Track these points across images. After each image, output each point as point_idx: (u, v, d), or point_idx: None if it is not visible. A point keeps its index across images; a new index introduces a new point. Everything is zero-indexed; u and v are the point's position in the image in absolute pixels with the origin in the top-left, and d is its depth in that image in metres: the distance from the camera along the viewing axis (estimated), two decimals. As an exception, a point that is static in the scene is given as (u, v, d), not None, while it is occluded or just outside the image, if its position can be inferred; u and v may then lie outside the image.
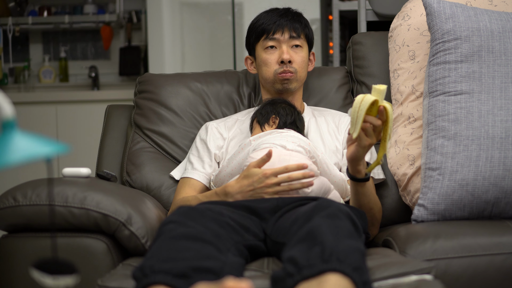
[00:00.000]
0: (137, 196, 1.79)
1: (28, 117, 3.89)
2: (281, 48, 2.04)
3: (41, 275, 1.00)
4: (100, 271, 1.57)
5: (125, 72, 4.32)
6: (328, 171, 1.88)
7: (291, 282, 1.26)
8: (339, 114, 2.12)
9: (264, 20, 2.07)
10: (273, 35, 2.05)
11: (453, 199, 1.76)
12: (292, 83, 2.05)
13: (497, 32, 1.82)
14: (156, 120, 2.21)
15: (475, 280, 1.56)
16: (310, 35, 2.11)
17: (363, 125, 1.60)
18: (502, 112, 1.76)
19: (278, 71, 2.04)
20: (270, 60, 2.05)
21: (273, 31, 2.05)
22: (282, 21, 2.05)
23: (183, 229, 1.39)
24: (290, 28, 2.04)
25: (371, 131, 1.62)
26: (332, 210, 1.41)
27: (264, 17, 2.09)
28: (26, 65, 4.32)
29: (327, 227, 1.34)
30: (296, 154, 1.83)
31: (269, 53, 2.05)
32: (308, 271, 1.25)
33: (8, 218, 1.61)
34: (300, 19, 2.09)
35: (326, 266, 1.24)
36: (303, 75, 2.08)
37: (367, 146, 1.64)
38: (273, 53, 2.05)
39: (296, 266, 1.27)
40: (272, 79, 2.06)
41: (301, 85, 2.11)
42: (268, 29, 2.05)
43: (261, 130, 1.96)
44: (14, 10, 4.31)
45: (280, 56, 2.03)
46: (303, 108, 2.14)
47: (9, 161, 0.84)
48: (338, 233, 1.33)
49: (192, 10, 3.97)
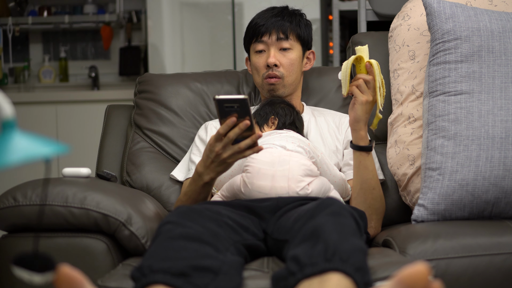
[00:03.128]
0: (137, 196, 1.79)
1: (28, 117, 3.89)
2: (269, 51, 2.02)
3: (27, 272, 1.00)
4: (100, 271, 1.57)
5: (125, 72, 4.32)
6: (328, 171, 1.88)
7: (293, 280, 1.26)
8: (339, 115, 2.12)
9: (257, 21, 2.05)
10: (261, 38, 2.03)
11: (453, 199, 1.76)
12: (279, 89, 2.03)
13: (497, 32, 1.82)
14: (156, 120, 2.21)
15: (475, 280, 1.56)
16: (304, 34, 2.06)
17: (355, 82, 1.77)
18: (502, 112, 1.76)
19: (264, 76, 2.03)
20: (258, 65, 2.04)
21: (261, 33, 2.03)
22: (270, 23, 2.02)
23: (181, 229, 1.39)
24: (278, 29, 2.01)
25: (365, 87, 1.76)
26: (335, 208, 1.41)
27: (257, 18, 2.07)
28: (26, 65, 4.32)
29: (330, 225, 1.34)
30: (296, 155, 1.83)
31: (258, 57, 2.05)
32: (310, 269, 1.25)
33: (8, 218, 1.61)
34: (292, 19, 2.04)
35: (328, 265, 1.24)
36: (291, 78, 2.04)
37: (364, 102, 1.76)
38: (262, 56, 2.04)
39: (298, 264, 1.27)
40: (261, 85, 2.06)
41: (295, 88, 2.08)
42: (257, 31, 2.03)
43: (260, 131, 1.96)
44: (14, 10, 4.31)
45: (266, 60, 2.02)
46: (302, 108, 2.14)
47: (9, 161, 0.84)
48: (341, 231, 1.32)
49: (192, 10, 3.97)
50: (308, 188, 1.76)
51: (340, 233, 1.32)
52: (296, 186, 1.76)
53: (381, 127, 2.17)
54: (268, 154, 1.83)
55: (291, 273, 1.27)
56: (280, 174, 1.79)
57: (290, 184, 1.76)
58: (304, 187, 1.76)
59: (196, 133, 2.11)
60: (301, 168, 1.81)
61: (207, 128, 2.07)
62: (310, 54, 2.13)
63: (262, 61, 2.03)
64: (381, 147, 2.15)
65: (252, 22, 2.07)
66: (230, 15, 3.87)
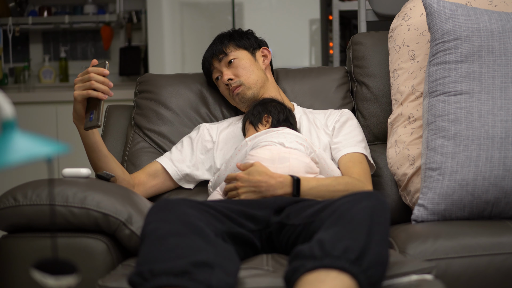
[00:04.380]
0: (137, 196, 1.79)
1: (28, 117, 3.89)
2: (222, 73, 2.13)
3: (42, 275, 1.00)
4: (100, 271, 1.57)
5: (125, 72, 4.32)
6: (326, 166, 1.89)
7: (310, 264, 1.27)
8: (330, 111, 2.14)
9: (203, 62, 2.20)
10: (212, 70, 2.16)
11: (453, 199, 1.76)
12: (246, 93, 2.10)
13: (497, 32, 1.82)
14: (156, 120, 2.21)
15: (475, 280, 1.56)
16: (241, 42, 2.16)
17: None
18: (502, 112, 1.76)
19: (230, 93, 2.12)
20: (223, 90, 2.16)
21: (209, 68, 2.17)
22: (209, 55, 2.16)
23: (167, 226, 1.38)
24: (216, 54, 2.14)
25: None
26: (375, 204, 1.40)
27: (203, 59, 2.20)
28: (26, 65, 4.31)
29: (365, 224, 1.34)
30: (295, 152, 1.83)
31: (219, 84, 2.16)
32: (329, 261, 1.26)
33: (8, 218, 1.61)
34: (222, 39, 2.16)
35: (348, 267, 1.26)
36: (252, 78, 2.11)
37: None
38: (221, 81, 2.14)
39: (322, 251, 1.28)
40: (235, 102, 2.14)
41: (262, 85, 2.12)
42: (206, 69, 2.19)
43: (255, 130, 1.97)
44: (14, 10, 4.31)
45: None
46: (293, 108, 2.15)
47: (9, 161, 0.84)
48: (372, 234, 1.33)
49: (192, 10, 3.97)
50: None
51: (372, 236, 1.32)
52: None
53: (381, 127, 2.17)
54: (267, 151, 1.83)
55: (313, 256, 1.28)
56: (281, 171, 1.80)
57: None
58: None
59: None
60: (301, 165, 1.81)
61: (200, 129, 2.12)
62: (264, 51, 2.20)
63: (221, 84, 2.14)
64: (381, 147, 2.15)
65: (203, 64, 2.21)
66: (230, 15, 3.87)
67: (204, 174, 2.06)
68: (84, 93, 1.75)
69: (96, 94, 1.74)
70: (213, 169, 2.04)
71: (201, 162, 2.06)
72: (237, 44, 2.14)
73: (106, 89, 1.74)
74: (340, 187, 1.83)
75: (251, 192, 1.78)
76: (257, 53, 2.17)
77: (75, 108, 1.78)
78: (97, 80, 1.74)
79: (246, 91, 2.09)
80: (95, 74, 1.74)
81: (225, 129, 2.11)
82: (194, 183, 2.08)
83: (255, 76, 2.11)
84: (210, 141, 2.08)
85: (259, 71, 2.13)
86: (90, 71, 1.75)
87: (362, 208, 1.37)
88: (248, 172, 1.79)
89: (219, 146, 2.06)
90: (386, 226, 1.38)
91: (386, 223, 1.39)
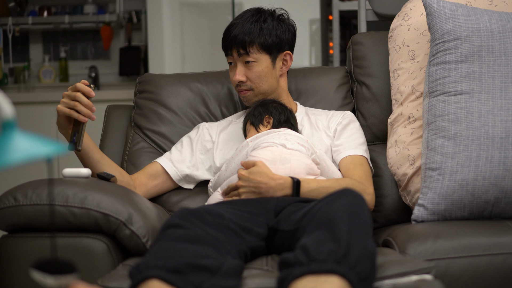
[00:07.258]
0: (137, 196, 1.79)
1: (28, 117, 3.89)
2: (235, 66, 2.05)
3: (42, 275, 1.00)
4: (100, 271, 1.57)
5: (125, 72, 4.32)
6: (326, 168, 1.89)
7: (298, 271, 1.26)
8: (332, 112, 2.13)
9: (224, 34, 2.07)
10: (229, 53, 2.07)
11: (453, 199, 1.76)
12: (251, 99, 2.07)
13: (497, 32, 1.82)
14: (156, 120, 2.21)
15: (475, 280, 1.56)
16: (268, 41, 2.03)
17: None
18: (502, 112, 1.76)
19: (237, 89, 2.08)
20: (231, 78, 2.09)
21: (226, 50, 2.07)
22: (231, 39, 2.03)
23: (182, 231, 1.39)
24: (237, 46, 2.02)
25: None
26: (353, 201, 1.40)
27: (226, 29, 2.07)
28: (26, 65, 4.32)
29: (345, 220, 1.33)
30: (296, 153, 1.83)
31: (230, 69, 2.09)
32: (317, 266, 1.25)
33: (8, 218, 1.61)
34: (253, 29, 2.02)
35: (335, 267, 1.24)
36: (263, 88, 2.05)
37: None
38: (232, 70, 2.08)
39: (307, 256, 1.27)
40: (237, 94, 2.11)
41: (271, 93, 2.08)
42: (224, 46, 2.08)
43: (256, 131, 1.96)
44: (14, 10, 4.31)
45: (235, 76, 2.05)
46: (296, 108, 2.15)
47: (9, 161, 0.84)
48: (355, 229, 1.32)
49: (192, 10, 3.97)
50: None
51: (354, 232, 1.31)
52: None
53: (381, 127, 2.17)
54: (269, 152, 1.83)
55: (299, 263, 1.27)
56: (282, 172, 1.80)
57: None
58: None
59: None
60: (302, 167, 1.81)
61: (199, 129, 2.11)
62: (286, 56, 2.09)
63: (232, 75, 2.07)
64: (381, 147, 2.15)
65: (224, 33, 2.08)
66: (230, 15, 3.87)
67: (204, 174, 2.06)
68: (66, 111, 1.76)
69: (77, 116, 1.76)
70: (213, 169, 2.04)
71: (201, 162, 2.06)
72: (263, 45, 2.02)
73: (88, 113, 1.76)
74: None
75: (251, 192, 1.78)
76: (278, 57, 2.07)
77: (59, 121, 1.79)
78: (82, 102, 1.76)
79: (252, 97, 2.07)
80: (81, 95, 1.76)
81: (225, 128, 2.10)
82: (194, 183, 2.08)
83: (267, 86, 2.06)
84: (210, 141, 2.07)
85: (272, 79, 2.06)
86: (79, 88, 1.77)
87: (339, 207, 1.37)
88: (249, 171, 1.79)
89: (219, 146, 2.06)
90: (365, 220, 1.37)
91: (366, 217, 1.38)
